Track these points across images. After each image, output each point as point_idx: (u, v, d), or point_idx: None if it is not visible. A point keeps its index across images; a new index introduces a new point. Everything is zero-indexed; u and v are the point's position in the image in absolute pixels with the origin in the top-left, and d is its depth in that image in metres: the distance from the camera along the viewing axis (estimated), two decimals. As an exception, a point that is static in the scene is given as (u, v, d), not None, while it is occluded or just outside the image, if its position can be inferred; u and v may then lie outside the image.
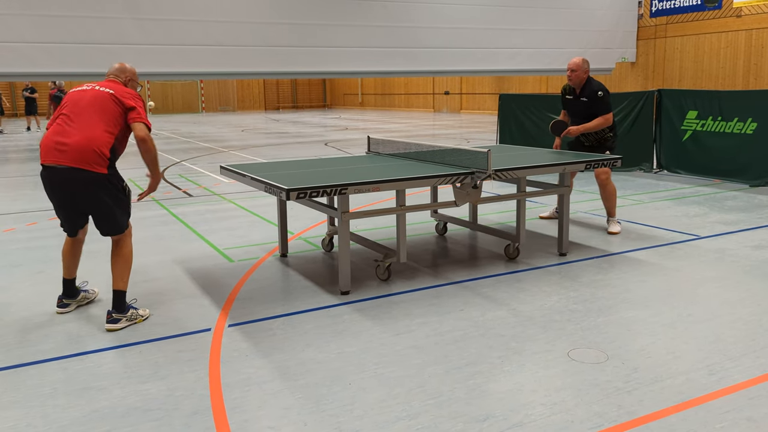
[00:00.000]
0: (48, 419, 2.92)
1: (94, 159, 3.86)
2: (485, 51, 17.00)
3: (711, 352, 3.51)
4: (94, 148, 3.86)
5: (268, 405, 3.01)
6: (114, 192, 4.03)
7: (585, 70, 6.30)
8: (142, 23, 13.43)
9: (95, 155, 3.87)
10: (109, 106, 4.00)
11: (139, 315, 4.09)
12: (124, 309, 4.02)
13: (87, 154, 3.85)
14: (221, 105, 41.15)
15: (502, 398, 3.03)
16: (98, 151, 3.87)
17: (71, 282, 4.33)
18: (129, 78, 4.33)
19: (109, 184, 3.98)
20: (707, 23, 19.80)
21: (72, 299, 4.35)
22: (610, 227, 6.31)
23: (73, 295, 4.36)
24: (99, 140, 3.89)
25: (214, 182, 10.08)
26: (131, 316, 4.04)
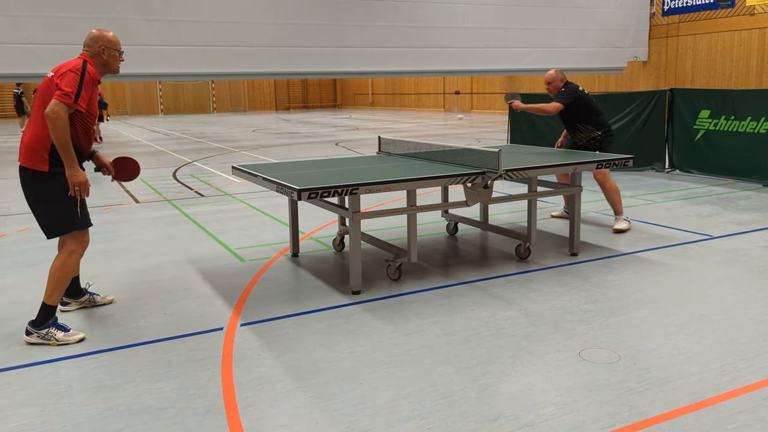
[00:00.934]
0: (64, 417, 2.95)
1: (35, 157, 3.64)
2: (496, 50, 16.97)
3: (724, 353, 3.49)
4: (36, 146, 3.64)
5: (280, 404, 3.03)
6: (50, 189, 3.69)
7: (560, 78, 6.58)
8: (153, 24, 13.52)
9: (36, 153, 3.64)
10: (48, 94, 3.64)
11: (54, 338, 3.72)
12: (39, 323, 3.74)
13: (29, 152, 3.66)
14: (232, 105, 41.31)
15: (513, 398, 3.04)
16: (39, 149, 3.64)
17: (73, 280, 4.22)
18: (102, 47, 3.85)
19: (48, 181, 3.67)
20: (720, 22, 19.66)
21: (73, 299, 4.29)
22: (616, 224, 6.33)
23: (75, 295, 4.30)
24: (40, 136, 3.64)
25: (225, 182, 10.13)
26: (45, 336, 3.72)
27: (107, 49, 3.88)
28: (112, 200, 8.67)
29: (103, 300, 4.43)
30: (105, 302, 4.42)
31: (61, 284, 3.80)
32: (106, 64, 3.92)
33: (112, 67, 3.95)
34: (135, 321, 4.13)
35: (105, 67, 3.92)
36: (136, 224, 7.09)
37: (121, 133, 23.12)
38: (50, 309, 3.78)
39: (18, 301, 4.57)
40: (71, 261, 3.81)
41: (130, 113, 37.58)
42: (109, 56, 3.90)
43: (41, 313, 3.77)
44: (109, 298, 4.48)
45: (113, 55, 3.91)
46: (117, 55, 3.93)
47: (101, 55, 3.87)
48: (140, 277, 5.07)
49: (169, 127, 26.20)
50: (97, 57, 3.87)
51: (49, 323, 3.77)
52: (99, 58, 3.88)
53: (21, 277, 5.14)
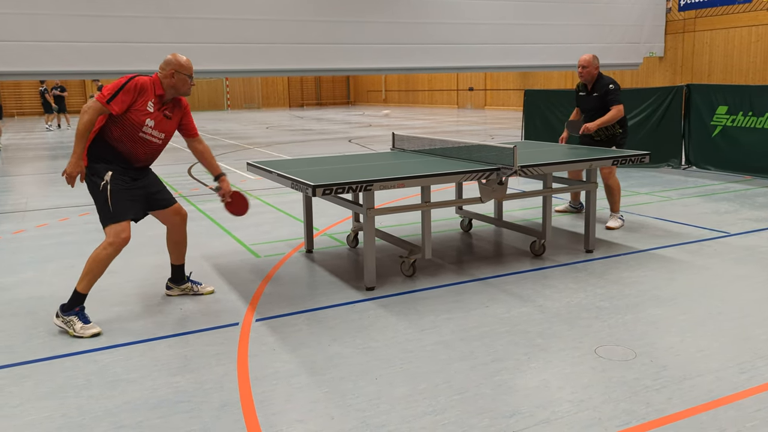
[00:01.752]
0: (82, 410, 2.99)
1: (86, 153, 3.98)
2: (510, 47, 16.88)
3: (741, 351, 3.46)
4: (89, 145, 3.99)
5: (296, 399, 3.05)
6: (91, 184, 4.00)
7: (595, 66, 6.41)
8: (170, 22, 13.59)
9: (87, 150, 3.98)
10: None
11: (73, 327, 3.84)
12: (67, 308, 3.90)
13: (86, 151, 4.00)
14: (246, 102, 41.47)
15: (529, 395, 3.03)
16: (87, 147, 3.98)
17: (175, 268, 4.50)
18: (173, 70, 4.07)
19: (89, 175, 3.98)
20: (737, 17, 19.43)
21: (175, 285, 4.53)
22: (610, 221, 6.30)
23: (177, 282, 4.53)
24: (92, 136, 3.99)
25: (240, 179, 10.18)
26: (67, 322, 3.87)
27: (177, 73, 4.08)
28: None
29: (203, 290, 4.57)
30: (205, 292, 4.56)
31: (93, 273, 3.92)
32: (175, 87, 4.11)
33: (180, 90, 4.14)
34: (152, 316, 4.17)
35: (173, 89, 4.12)
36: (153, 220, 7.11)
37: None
38: (79, 296, 3.91)
39: (37, 296, 4.62)
40: (105, 253, 3.92)
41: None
42: (179, 80, 4.09)
43: (71, 298, 3.92)
44: (209, 288, 4.60)
45: (182, 79, 4.10)
46: (187, 80, 4.12)
47: (171, 78, 4.08)
48: (157, 272, 5.11)
49: (183, 124, 26.33)
50: (167, 79, 4.08)
51: (75, 310, 3.89)
52: (168, 80, 4.08)
53: (40, 273, 5.20)
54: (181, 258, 4.51)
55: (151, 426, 2.83)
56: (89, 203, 8.06)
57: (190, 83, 4.17)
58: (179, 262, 4.51)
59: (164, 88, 4.08)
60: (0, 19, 12.16)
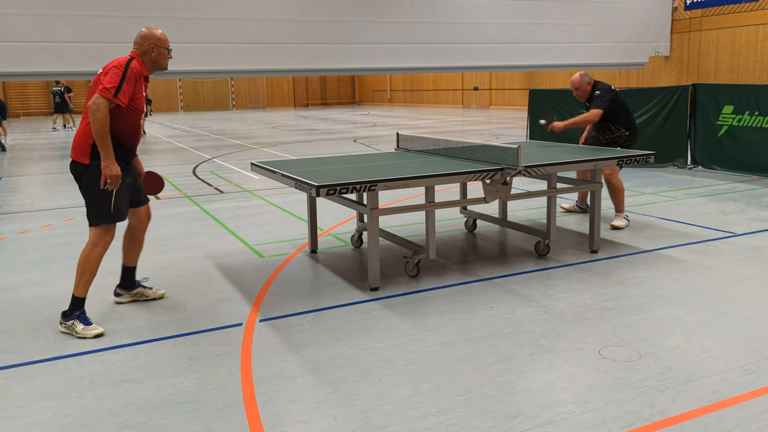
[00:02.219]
0: (86, 410, 2.99)
1: (80, 150, 3.85)
2: (515, 46, 16.84)
3: (746, 352, 3.44)
4: (81, 139, 3.85)
5: (299, 399, 3.04)
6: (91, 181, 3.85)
7: (587, 82, 6.51)
8: (174, 22, 13.61)
9: (80, 146, 3.85)
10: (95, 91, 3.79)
11: (75, 330, 3.81)
12: (67, 314, 3.87)
13: (76, 145, 3.87)
14: (251, 102, 41.53)
15: (532, 396, 3.02)
16: (83, 142, 3.84)
17: (128, 271, 4.36)
18: (152, 44, 3.94)
19: (88, 173, 3.86)
20: (744, 16, 19.34)
21: (125, 291, 4.38)
22: (616, 221, 6.31)
23: (127, 287, 4.37)
24: (85, 130, 3.83)
25: (244, 179, 10.19)
26: (70, 326, 3.84)
27: (156, 47, 3.96)
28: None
29: (155, 294, 4.46)
30: (156, 296, 4.46)
31: (86, 276, 3.89)
32: (155, 62, 4.01)
33: (161, 64, 4.04)
34: (156, 316, 4.18)
35: (154, 64, 4.01)
36: (157, 220, 7.14)
37: (142, 130, 23.32)
38: (77, 300, 3.89)
39: (42, 296, 4.63)
40: (94, 253, 3.89)
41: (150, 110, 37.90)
42: (158, 54, 3.99)
43: (71, 303, 3.90)
44: (160, 292, 4.50)
45: (162, 53, 4.00)
46: (166, 53, 4.02)
47: (150, 53, 3.96)
48: (161, 272, 5.12)
49: (188, 124, 26.42)
50: (147, 55, 3.96)
51: (75, 314, 3.86)
52: (148, 56, 3.97)
53: (45, 273, 5.21)
54: (136, 259, 4.37)
55: (154, 426, 2.84)
56: (94, 203, 8.09)
57: (169, 56, 4.06)
58: (133, 263, 4.35)
59: (147, 67, 3.98)
60: (5, 20, 12.21)
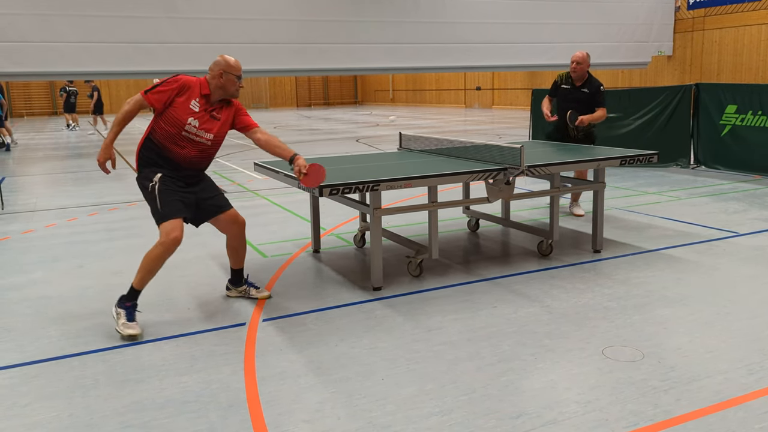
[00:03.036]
0: (90, 409, 3.00)
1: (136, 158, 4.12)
2: (518, 46, 16.83)
3: (750, 351, 3.44)
4: (137, 149, 4.12)
5: (303, 399, 3.05)
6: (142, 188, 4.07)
7: (588, 63, 6.86)
8: (177, 22, 13.64)
9: (136, 155, 4.12)
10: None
11: (119, 322, 3.86)
12: (121, 301, 3.95)
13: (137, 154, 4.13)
14: (254, 102, 41.56)
15: (536, 395, 3.02)
16: (136, 151, 4.11)
17: (234, 271, 4.48)
18: (221, 70, 4.04)
19: (141, 179, 4.07)
20: (747, 15, 19.30)
21: (234, 286, 4.53)
22: (575, 209, 6.62)
23: (235, 284, 4.52)
24: (140, 141, 4.12)
25: (247, 179, 10.20)
26: (116, 315, 3.90)
27: (225, 73, 4.04)
28: (137, 196, 8.76)
29: (258, 293, 4.48)
30: (259, 296, 4.46)
31: (145, 271, 3.93)
32: (223, 87, 4.07)
33: (229, 90, 4.10)
34: (159, 315, 4.18)
35: (221, 89, 4.07)
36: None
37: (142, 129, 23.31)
38: (133, 292, 3.95)
39: (46, 295, 4.65)
40: (155, 252, 3.90)
41: (153, 110, 37.95)
42: (227, 80, 4.05)
43: (129, 291, 3.96)
44: (265, 293, 4.49)
45: (230, 80, 4.06)
46: (234, 80, 4.08)
47: (219, 78, 4.04)
48: (164, 272, 5.09)
49: (191, 124, 26.38)
50: (215, 80, 4.05)
51: (126, 305, 3.91)
52: (216, 81, 4.05)
53: (48, 272, 5.22)
54: (240, 262, 4.47)
55: (158, 426, 2.84)
56: (97, 203, 8.12)
57: (239, 84, 4.13)
58: (238, 266, 4.48)
59: (211, 88, 4.06)
60: (9, 20, 12.24)
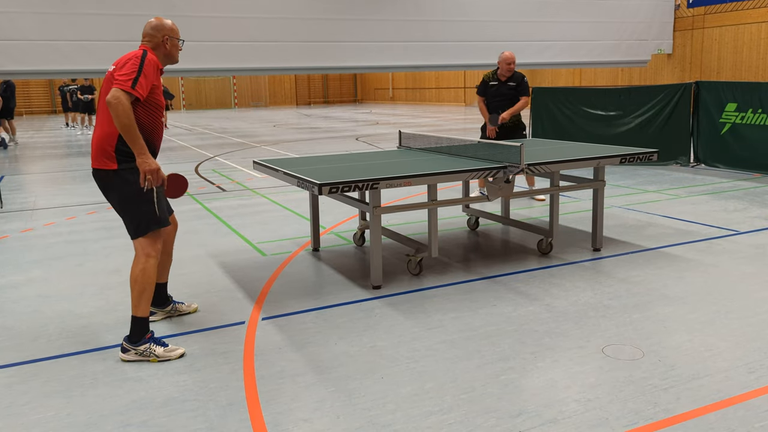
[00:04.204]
0: (89, 408, 2.99)
1: (104, 155, 3.47)
2: (518, 44, 16.80)
3: (750, 350, 3.43)
4: (103, 144, 3.46)
5: (302, 398, 3.04)
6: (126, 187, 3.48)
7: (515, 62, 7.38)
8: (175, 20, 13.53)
9: (104, 151, 3.47)
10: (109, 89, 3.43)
11: (153, 354, 3.45)
12: (135, 340, 3.48)
13: (98, 152, 3.49)
14: (253, 100, 41.53)
15: (536, 394, 3.01)
16: (106, 146, 3.46)
17: (158, 287, 3.95)
18: (166, 36, 3.64)
19: (121, 178, 3.47)
20: (747, 13, 19.28)
21: (159, 308, 4.02)
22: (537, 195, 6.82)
23: (161, 304, 4.03)
24: (106, 133, 3.46)
25: (247, 177, 10.19)
26: (143, 352, 3.45)
27: (170, 39, 3.68)
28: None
29: (188, 308, 4.16)
30: (190, 311, 4.16)
31: (147, 292, 3.50)
32: (169, 54, 3.71)
33: (174, 57, 3.74)
34: (158, 314, 4.17)
35: (167, 57, 3.72)
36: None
37: (144, 128, 23.29)
38: (142, 321, 3.49)
39: (44, 294, 4.64)
40: (150, 266, 3.51)
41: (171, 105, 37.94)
42: (172, 45, 3.70)
43: (134, 327, 3.48)
44: (193, 306, 4.20)
45: (175, 45, 3.72)
46: (178, 44, 3.74)
47: (164, 45, 3.66)
48: (163, 271, 5.12)
49: (191, 122, 26.42)
50: (160, 48, 3.66)
51: (147, 338, 3.49)
52: (161, 49, 3.66)
53: (47, 271, 5.21)
54: (167, 274, 4.03)
55: (157, 425, 2.84)
56: (96, 202, 8.11)
57: (180, 48, 3.75)
58: (164, 279, 4.00)
59: (159, 58, 3.63)
60: (8, 18, 12.22)
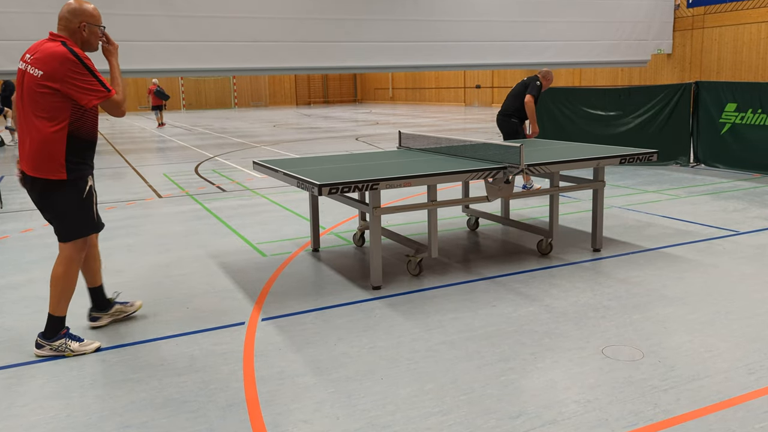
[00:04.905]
0: (88, 410, 2.99)
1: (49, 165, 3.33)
2: (517, 44, 16.82)
3: (750, 351, 3.43)
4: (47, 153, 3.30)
5: (302, 399, 3.04)
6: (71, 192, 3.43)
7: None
8: (176, 20, 13.61)
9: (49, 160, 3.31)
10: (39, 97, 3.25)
11: (69, 349, 3.51)
12: (50, 335, 3.52)
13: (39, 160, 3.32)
14: (253, 100, 41.52)
15: (535, 395, 3.01)
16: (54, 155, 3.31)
17: (96, 291, 3.92)
18: (83, 23, 3.37)
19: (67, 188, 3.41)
20: (747, 13, 19.28)
21: (102, 312, 3.97)
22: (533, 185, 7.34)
23: (103, 308, 3.97)
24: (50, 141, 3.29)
25: (246, 177, 10.18)
26: (58, 347, 3.51)
27: (88, 25, 3.39)
28: (136, 195, 8.76)
29: (133, 307, 4.10)
30: (135, 309, 4.12)
31: (66, 293, 3.53)
32: (86, 42, 3.42)
33: (93, 45, 3.46)
34: (158, 315, 4.17)
35: (84, 44, 3.42)
36: (159, 219, 7.16)
37: (144, 128, 23.35)
38: (59, 320, 3.55)
39: (44, 295, 4.62)
40: (73, 269, 3.53)
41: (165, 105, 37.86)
42: (90, 33, 3.41)
43: (50, 324, 3.53)
44: (138, 303, 4.15)
45: (94, 32, 3.43)
46: (98, 32, 3.44)
47: (81, 32, 3.38)
48: (163, 271, 5.12)
49: (190, 122, 26.41)
50: (76, 34, 3.37)
51: (62, 333, 3.55)
52: (78, 35, 3.38)
53: (46, 272, 5.19)
54: (100, 276, 3.93)
55: (156, 426, 2.83)
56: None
57: (101, 37, 3.48)
58: (99, 281, 3.91)
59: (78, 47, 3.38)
60: (8, 18, 12.21)
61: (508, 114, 7.93)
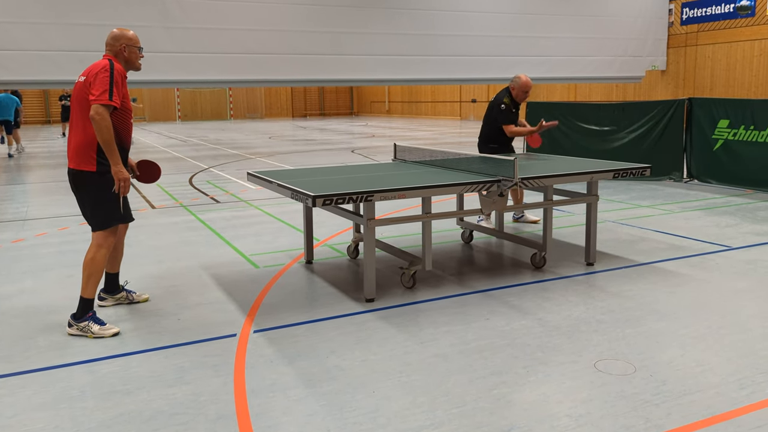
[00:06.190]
0: (76, 421, 2.96)
1: (84, 158, 3.94)
2: (513, 59, 16.92)
3: (742, 366, 3.43)
4: (84, 148, 3.93)
5: (293, 411, 3.02)
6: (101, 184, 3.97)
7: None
8: (172, 31, 13.66)
9: (84, 155, 3.94)
10: (84, 98, 3.93)
11: (90, 331, 3.93)
12: (79, 316, 3.97)
13: (79, 155, 3.94)
14: (249, 112, 41.58)
15: (527, 409, 3.00)
16: (88, 150, 3.93)
17: (111, 277, 4.47)
18: (123, 45, 4.10)
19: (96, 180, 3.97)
20: (739, 31, 19.47)
21: (109, 295, 4.49)
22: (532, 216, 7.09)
23: (112, 291, 4.50)
24: (87, 139, 3.93)
25: (241, 188, 10.18)
26: (83, 328, 3.94)
27: (128, 47, 4.12)
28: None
29: (139, 297, 4.58)
30: (140, 300, 4.58)
31: (94, 277, 3.99)
32: (129, 61, 4.15)
33: (134, 64, 4.19)
34: (149, 326, 4.15)
35: (128, 64, 4.16)
36: (153, 230, 7.13)
37: (139, 139, 23.33)
38: (87, 302, 3.98)
39: (34, 305, 4.60)
40: (100, 255, 4.03)
41: (147, 119, 37.90)
42: (131, 53, 4.14)
43: (80, 306, 3.98)
44: (144, 296, 4.61)
45: (134, 52, 4.15)
46: (137, 52, 4.18)
47: (123, 53, 4.10)
48: (155, 282, 5.10)
49: (186, 133, 26.42)
50: (120, 55, 4.10)
51: (87, 316, 3.96)
52: (121, 56, 4.11)
53: (38, 282, 5.18)
54: (118, 266, 4.50)
55: (145, 438, 2.81)
56: (90, 212, 8.06)
57: (140, 55, 4.20)
58: (116, 269, 4.49)
59: (122, 66, 4.10)
60: (2, 28, 12.23)
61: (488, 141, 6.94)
